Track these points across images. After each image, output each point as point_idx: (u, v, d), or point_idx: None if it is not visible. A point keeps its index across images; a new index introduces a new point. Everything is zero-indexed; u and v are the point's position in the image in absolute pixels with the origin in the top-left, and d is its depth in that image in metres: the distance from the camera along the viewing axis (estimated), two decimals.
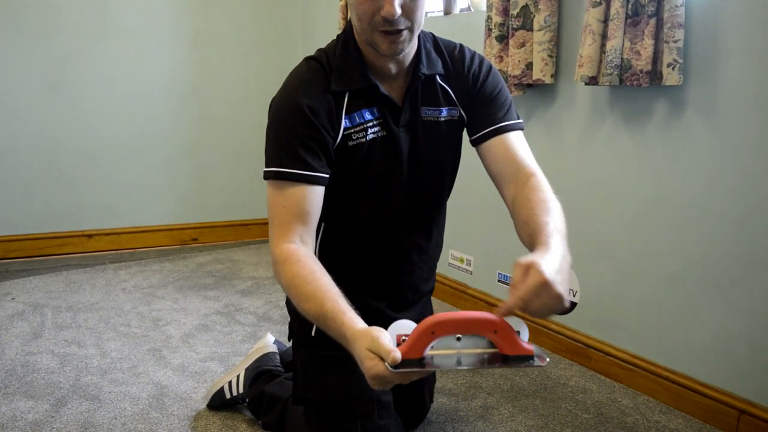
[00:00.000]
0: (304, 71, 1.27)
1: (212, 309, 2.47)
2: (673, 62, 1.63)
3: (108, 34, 3.12)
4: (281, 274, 1.17)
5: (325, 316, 1.05)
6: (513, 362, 0.98)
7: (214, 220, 3.52)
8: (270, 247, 1.22)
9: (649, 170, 1.81)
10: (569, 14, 2.00)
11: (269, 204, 1.24)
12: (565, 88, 2.04)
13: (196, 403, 1.75)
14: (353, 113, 1.26)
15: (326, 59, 1.27)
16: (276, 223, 1.21)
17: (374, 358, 0.93)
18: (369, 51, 1.24)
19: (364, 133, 1.27)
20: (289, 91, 1.24)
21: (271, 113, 1.26)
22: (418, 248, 1.41)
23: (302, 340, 1.39)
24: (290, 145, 1.20)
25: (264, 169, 1.24)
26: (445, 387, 1.87)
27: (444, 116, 1.34)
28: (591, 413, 1.75)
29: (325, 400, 1.36)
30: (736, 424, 1.64)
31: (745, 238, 1.60)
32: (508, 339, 0.98)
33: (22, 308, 2.42)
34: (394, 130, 1.29)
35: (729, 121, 1.61)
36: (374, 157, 1.28)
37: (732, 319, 1.65)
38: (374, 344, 0.94)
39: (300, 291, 1.11)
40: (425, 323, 0.96)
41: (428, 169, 1.35)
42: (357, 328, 1.00)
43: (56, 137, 3.08)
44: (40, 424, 1.61)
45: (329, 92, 1.24)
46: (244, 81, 3.49)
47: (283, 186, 1.21)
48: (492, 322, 0.96)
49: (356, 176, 1.29)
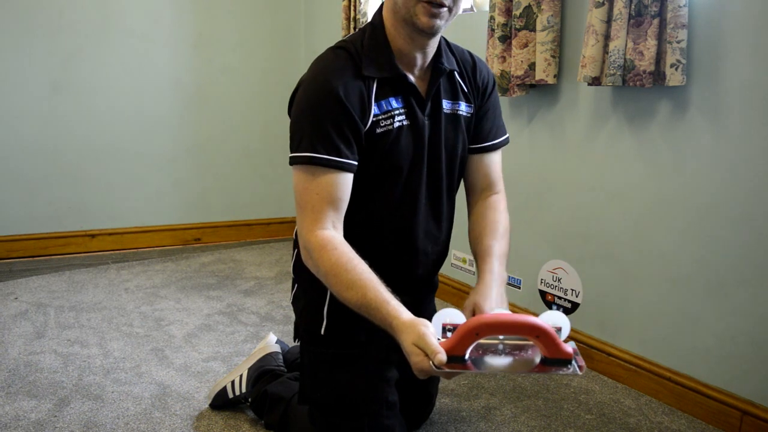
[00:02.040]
0: (333, 58, 1.26)
1: (215, 309, 2.48)
2: (677, 63, 1.63)
3: (111, 34, 3.13)
4: (319, 262, 1.17)
5: (369, 305, 1.10)
6: (551, 366, 1.01)
7: (216, 220, 3.52)
8: (301, 233, 1.21)
9: (653, 171, 1.81)
10: (572, 14, 2.00)
11: (299, 189, 1.22)
12: (568, 89, 2.04)
13: (198, 402, 1.75)
14: (381, 100, 1.26)
15: (354, 48, 1.27)
16: (308, 209, 1.20)
17: (420, 354, 0.99)
18: (400, 37, 1.26)
19: (391, 120, 1.27)
20: (322, 76, 1.23)
21: (303, 98, 1.24)
22: (433, 240, 1.42)
23: (311, 339, 1.39)
24: (324, 130, 1.19)
25: (292, 154, 1.22)
26: (448, 387, 1.87)
27: (462, 110, 1.39)
28: (594, 414, 1.75)
29: (334, 399, 1.36)
30: (739, 425, 1.64)
31: (748, 239, 1.60)
32: (550, 344, 1.00)
33: (26, 308, 2.42)
34: (419, 120, 1.31)
35: (732, 121, 1.61)
36: (399, 145, 1.29)
37: (735, 320, 1.64)
38: (421, 341, 0.99)
39: (340, 279, 1.14)
40: (471, 324, 0.99)
41: (446, 160, 1.38)
42: (403, 320, 1.05)
43: (59, 137, 3.08)
44: (42, 424, 1.62)
45: (360, 78, 1.24)
46: (247, 81, 3.49)
47: (314, 172, 1.20)
48: (535, 326, 0.99)
49: (381, 164, 1.29)
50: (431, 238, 1.41)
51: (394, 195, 1.32)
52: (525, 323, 0.99)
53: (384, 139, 1.27)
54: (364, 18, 2.84)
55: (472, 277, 2.50)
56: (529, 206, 2.23)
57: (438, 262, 1.48)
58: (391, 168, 1.30)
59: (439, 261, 1.48)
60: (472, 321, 1.00)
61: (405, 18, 1.22)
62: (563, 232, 2.11)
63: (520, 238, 2.28)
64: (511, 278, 2.32)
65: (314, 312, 1.37)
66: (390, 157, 1.29)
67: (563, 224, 2.11)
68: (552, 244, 2.16)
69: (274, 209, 3.67)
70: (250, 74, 3.50)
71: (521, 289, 2.28)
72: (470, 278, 2.51)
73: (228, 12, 3.40)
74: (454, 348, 0.99)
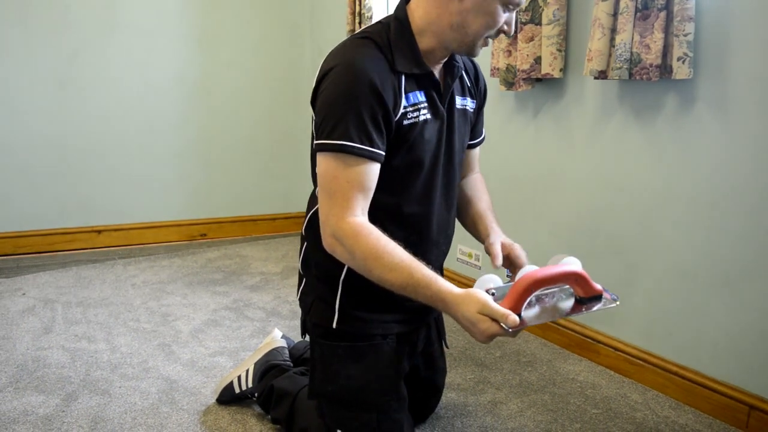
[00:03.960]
0: (365, 48, 1.26)
1: (221, 304, 2.48)
2: (683, 56, 1.62)
3: (116, 30, 3.13)
4: (354, 248, 1.18)
5: (417, 284, 1.15)
6: (588, 304, 1.17)
7: (222, 216, 3.53)
8: (328, 220, 1.21)
9: (659, 165, 1.80)
10: (578, 8, 1.99)
11: (328, 177, 1.21)
12: (574, 83, 2.03)
13: (205, 397, 1.76)
14: (408, 93, 1.28)
15: (381, 41, 1.27)
16: (339, 196, 1.20)
17: (487, 320, 1.08)
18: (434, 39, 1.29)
19: (417, 114, 1.29)
20: (358, 64, 1.22)
21: (338, 84, 1.22)
22: (444, 231, 1.46)
23: (322, 333, 1.40)
24: (359, 118, 1.19)
25: (323, 140, 1.21)
26: (454, 382, 1.87)
27: (469, 106, 1.45)
28: (600, 408, 1.75)
29: (346, 392, 1.36)
30: (747, 419, 1.63)
31: (755, 233, 1.59)
32: (586, 285, 1.17)
33: (33, 303, 2.44)
34: (439, 114, 1.34)
35: (740, 115, 1.60)
36: (423, 138, 1.31)
37: (742, 313, 1.64)
38: (486, 308, 1.09)
39: (382, 262, 1.16)
40: (524, 282, 1.10)
41: (458, 153, 1.43)
42: (457, 293, 1.13)
43: (65, 134, 3.09)
44: (50, 419, 1.62)
45: (392, 71, 1.25)
46: (252, 77, 3.49)
47: (346, 160, 1.20)
48: (575, 273, 1.15)
49: (405, 156, 1.30)
50: (443, 229, 1.45)
51: (416, 187, 1.34)
52: (568, 273, 1.14)
53: (411, 131, 1.28)
54: (370, 13, 2.83)
55: (477, 271, 2.50)
56: (535, 200, 2.22)
57: (446, 253, 1.51)
58: (414, 161, 1.31)
59: (447, 251, 1.51)
60: (525, 280, 1.10)
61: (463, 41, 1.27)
62: (569, 225, 2.11)
63: (526, 231, 2.28)
64: None
65: (325, 306, 1.38)
66: (414, 150, 1.30)
67: (569, 218, 2.10)
68: (558, 238, 2.15)
69: (279, 204, 3.68)
70: (256, 69, 3.50)
71: None
72: (476, 272, 2.51)
73: (233, 7, 3.40)
74: (514, 308, 1.09)
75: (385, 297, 1.36)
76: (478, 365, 1.99)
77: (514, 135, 2.31)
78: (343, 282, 1.35)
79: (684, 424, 1.68)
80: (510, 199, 2.34)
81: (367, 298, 1.34)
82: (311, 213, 1.40)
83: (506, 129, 2.33)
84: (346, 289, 1.35)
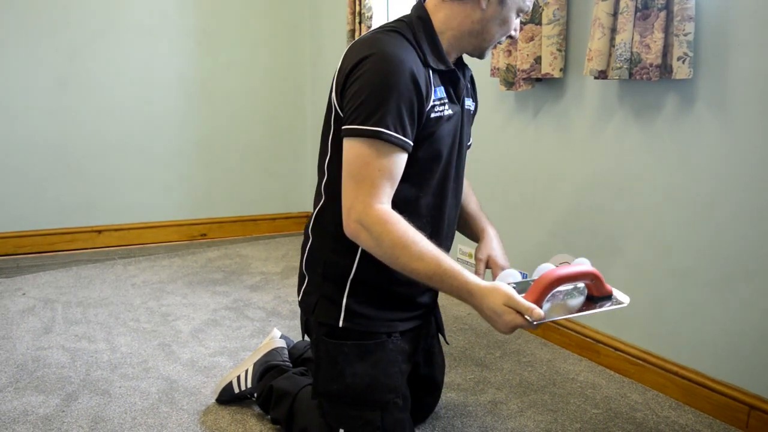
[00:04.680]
0: (397, 41, 1.27)
1: (221, 304, 2.48)
2: (684, 56, 1.62)
3: (116, 30, 3.13)
4: (382, 235, 1.18)
5: (444, 274, 1.17)
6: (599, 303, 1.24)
7: (222, 216, 3.53)
8: (354, 207, 1.21)
9: (659, 165, 1.80)
10: (578, 8, 1.99)
11: (359, 162, 1.21)
12: (574, 82, 2.03)
13: (205, 397, 1.76)
14: (435, 88, 1.31)
15: (410, 37, 1.30)
16: (367, 183, 1.21)
17: (512, 312, 1.12)
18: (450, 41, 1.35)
19: (443, 108, 1.32)
20: (396, 54, 1.23)
21: (378, 71, 1.22)
22: (453, 226, 1.49)
23: (328, 332, 1.40)
24: (397, 107, 1.20)
25: (357, 126, 1.20)
26: (454, 382, 1.87)
27: (471, 107, 1.50)
28: (600, 408, 1.75)
29: (351, 390, 1.36)
30: (747, 419, 1.63)
31: (756, 233, 1.59)
32: (600, 284, 1.24)
33: (33, 303, 2.44)
34: (455, 111, 1.37)
35: (740, 114, 1.60)
36: (443, 133, 1.33)
37: (743, 314, 1.64)
38: (512, 301, 1.12)
39: (410, 251, 1.17)
40: (548, 278, 1.16)
41: (465, 150, 1.48)
42: (484, 285, 1.16)
43: (65, 133, 3.09)
44: (50, 419, 1.62)
45: (424, 65, 1.28)
46: (252, 76, 3.50)
47: (379, 147, 1.20)
48: (591, 272, 1.22)
49: (427, 149, 1.32)
50: (452, 223, 1.48)
51: (434, 180, 1.36)
52: (586, 272, 1.22)
53: (436, 124, 1.31)
54: (370, 12, 2.83)
55: None
56: (534, 200, 2.22)
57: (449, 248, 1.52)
58: (435, 154, 1.34)
59: (451, 246, 1.53)
60: (548, 276, 1.16)
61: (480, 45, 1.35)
62: (569, 225, 2.11)
63: (525, 231, 2.28)
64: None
65: (330, 304, 1.38)
66: (436, 143, 1.32)
67: (569, 218, 2.10)
68: (558, 238, 2.15)
69: (279, 204, 3.68)
70: (256, 69, 3.50)
71: None
72: None
73: (233, 7, 3.40)
74: (536, 302, 1.14)
75: (390, 296, 1.37)
76: (478, 365, 1.99)
77: (514, 135, 2.31)
78: (352, 281, 1.35)
79: (684, 424, 1.68)
80: (510, 199, 2.34)
81: (373, 296, 1.36)
82: (317, 210, 1.40)
83: (506, 129, 2.33)
84: (354, 287, 1.36)
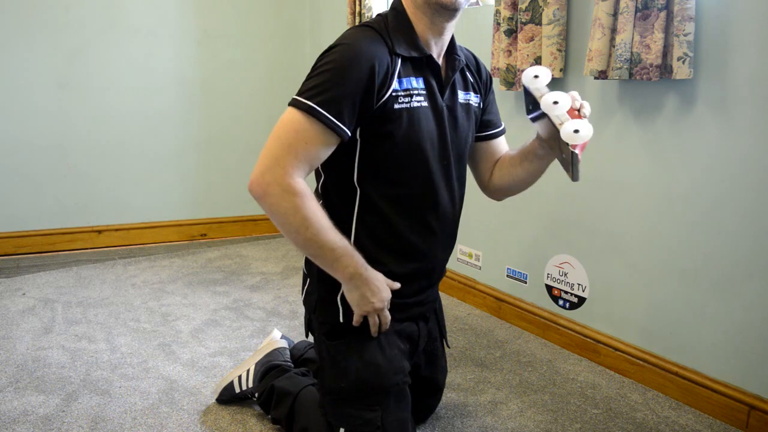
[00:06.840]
0: (363, 33, 1.30)
1: (221, 304, 2.48)
2: (684, 56, 1.62)
3: (117, 30, 3.13)
4: (302, 205, 1.22)
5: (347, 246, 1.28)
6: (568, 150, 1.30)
7: (222, 216, 3.53)
8: (277, 170, 1.22)
9: (660, 165, 1.80)
10: (578, 8, 1.99)
11: (289, 128, 1.24)
12: (575, 83, 2.03)
13: (205, 397, 1.76)
14: (403, 78, 1.30)
15: (379, 28, 1.31)
16: (293, 153, 1.23)
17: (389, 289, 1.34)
18: (421, 22, 1.32)
19: (410, 99, 1.30)
20: (355, 44, 1.26)
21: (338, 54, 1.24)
22: (450, 225, 1.46)
23: (329, 330, 1.40)
24: (340, 91, 1.22)
25: (300, 97, 1.23)
26: (454, 382, 1.87)
27: (473, 102, 1.47)
28: (600, 408, 1.75)
29: (360, 383, 1.37)
30: (747, 419, 1.63)
31: (756, 233, 1.59)
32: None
33: (33, 303, 2.44)
34: (438, 103, 1.36)
35: (740, 115, 1.60)
36: (420, 126, 1.32)
37: (743, 314, 1.64)
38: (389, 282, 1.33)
39: (324, 224, 1.25)
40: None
41: (463, 147, 1.44)
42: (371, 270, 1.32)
43: (65, 133, 3.09)
44: (50, 419, 1.62)
45: (390, 54, 1.29)
46: (252, 76, 3.49)
47: (313, 123, 1.22)
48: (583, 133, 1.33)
49: (404, 144, 1.31)
50: (449, 223, 1.46)
51: (418, 176, 1.35)
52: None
53: (402, 116, 1.29)
54: (369, 12, 2.84)
55: (477, 271, 2.50)
56: (535, 200, 2.22)
57: (451, 247, 1.52)
58: (413, 149, 1.32)
59: (451, 246, 1.52)
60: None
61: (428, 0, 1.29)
62: (570, 226, 2.11)
63: (526, 232, 2.28)
64: (517, 273, 2.32)
65: (329, 302, 1.39)
66: (412, 137, 1.31)
67: (570, 218, 2.10)
68: (558, 239, 2.15)
69: None
70: (256, 69, 3.50)
71: (527, 284, 2.28)
72: (476, 272, 2.51)
73: (233, 7, 3.40)
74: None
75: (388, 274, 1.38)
76: (478, 365, 1.99)
77: (514, 135, 2.30)
78: None
79: (684, 424, 1.68)
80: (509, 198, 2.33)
81: None
82: None
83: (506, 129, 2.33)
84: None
